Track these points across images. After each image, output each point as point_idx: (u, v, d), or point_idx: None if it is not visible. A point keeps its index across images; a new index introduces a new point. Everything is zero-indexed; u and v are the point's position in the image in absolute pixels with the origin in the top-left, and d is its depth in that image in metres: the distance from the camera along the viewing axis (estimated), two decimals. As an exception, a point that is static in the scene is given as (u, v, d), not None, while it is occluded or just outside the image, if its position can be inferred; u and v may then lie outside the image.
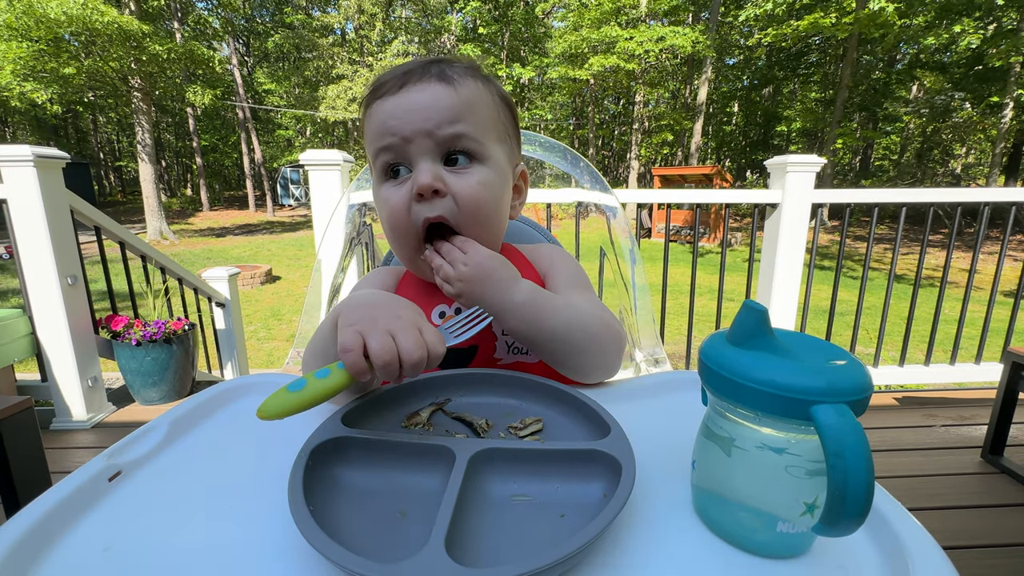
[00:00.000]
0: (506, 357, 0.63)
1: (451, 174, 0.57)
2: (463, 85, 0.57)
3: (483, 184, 0.57)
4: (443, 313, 0.64)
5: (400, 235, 0.59)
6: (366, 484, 0.39)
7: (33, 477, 1.07)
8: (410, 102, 0.56)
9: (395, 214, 0.57)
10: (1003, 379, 1.65)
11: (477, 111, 0.57)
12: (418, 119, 0.55)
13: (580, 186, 1.23)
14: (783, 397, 0.30)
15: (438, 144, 0.56)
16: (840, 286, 2.30)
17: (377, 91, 0.59)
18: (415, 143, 0.56)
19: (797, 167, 2.01)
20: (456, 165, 0.57)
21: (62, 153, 1.89)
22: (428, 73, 0.57)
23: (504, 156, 0.61)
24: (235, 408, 0.54)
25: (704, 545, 0.35)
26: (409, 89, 0.56)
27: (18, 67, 10.25)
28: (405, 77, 0.57)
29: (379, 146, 0.58)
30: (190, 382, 2.42)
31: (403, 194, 0.57)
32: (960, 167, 18.04)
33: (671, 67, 18.91)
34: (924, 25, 12.06)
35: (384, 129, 0.57)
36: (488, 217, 0.59)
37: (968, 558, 1.29)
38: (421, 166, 0.56)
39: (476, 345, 0.62)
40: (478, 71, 0.61)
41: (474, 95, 0.58)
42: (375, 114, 0.58)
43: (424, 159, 0.56)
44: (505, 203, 0.62)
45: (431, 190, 0.55)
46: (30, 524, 0.33)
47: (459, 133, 0.56)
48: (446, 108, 0.55)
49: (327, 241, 1.35)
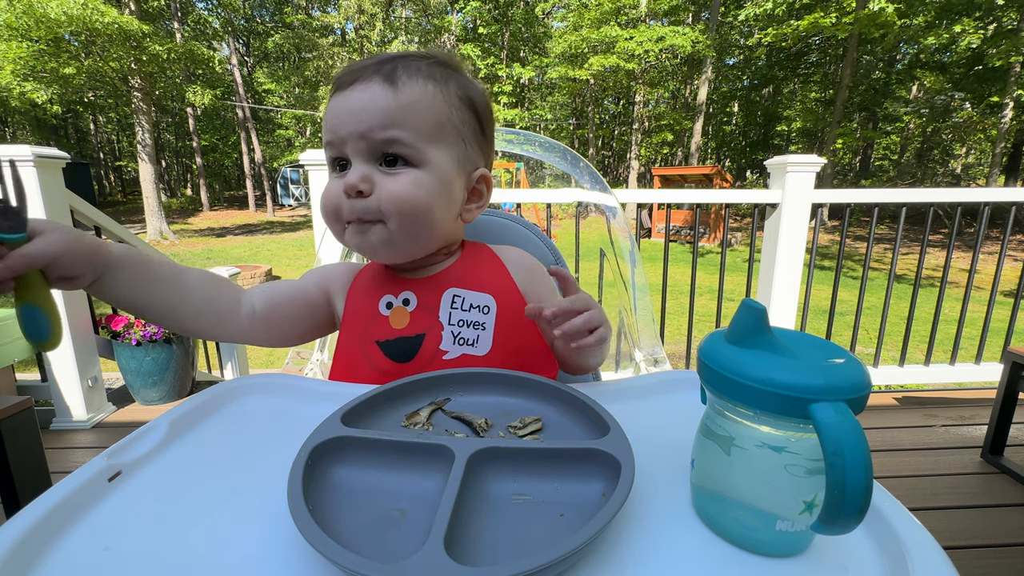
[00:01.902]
0: (452, 349, 0.63)
1: (382, 175, 0.58)
2: (408, 87, 0.57)
3: (412, 185, 0.58)
4: (390, 304, 0.65)
5: (329, 219, 0.62)
6: (365, 483, 0.39)
7: (33, 477, 1.07)
8: (350, 103, 0.57)
9: (327, 203, 0.60)
10: (1003, 379, 1.65)
11: (417, 116, 0.57)
12: (352, 121, 0.57)
13: (580, 186, 1.23)
14: (782, 395, 0.30)
15: (371, 146, 0.57)
16: (840, 286, 2.30)
17: (334, 85, 0.60)
18: (350, 144, 0.58)
19: (797, 167, 2.01)
20: (392, 166, 0.58)
21: (62, 153, 1.89)
22: (377, 73, 0.58)
23: (450, 160, 0.60)
24: (235, 408, 0.54)
25: (703, 544, 0.35)
26: (353, 88, 0.58)
27: (18, 67, 10.26)
28: (356, 74, 0.58)
29: (324, 141, 0.61)
30: (190, 382, 2.42)
31: (336, 187, 0.59)
32: (960, 167, 18.04)
33: (671, 67, 18.91)
34: (924, 25, 12.05)
35: (328, 126, 0.59)
36: (415, 218, 0.59)
37: (968, 558, 1.29)
38: (354, 166, 0.58)
39: (423, 334, 0.63)
40: (440, 70, 0.60)
41: (418, 98, 0.58)
42: (328, 108, 0.60)
43: (357, 159, 0.58)
44: (441, 206, 0.61)
45: (355, 190, 0.57)
46: (30, 524, 0.33)
47: (391, 138, 0.57)
48: (380, 112, 0.56)
49: (327, 241, 1.35)
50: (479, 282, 0.66)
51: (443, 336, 0.63)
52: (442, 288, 0.65)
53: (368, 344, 0.64)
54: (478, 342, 0.63)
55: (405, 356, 0.63)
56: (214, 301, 0.59)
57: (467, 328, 0.64)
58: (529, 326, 0.66)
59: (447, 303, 0.64)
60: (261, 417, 0.52)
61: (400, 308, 0.65)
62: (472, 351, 0.63)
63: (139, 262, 0.52)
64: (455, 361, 0.62)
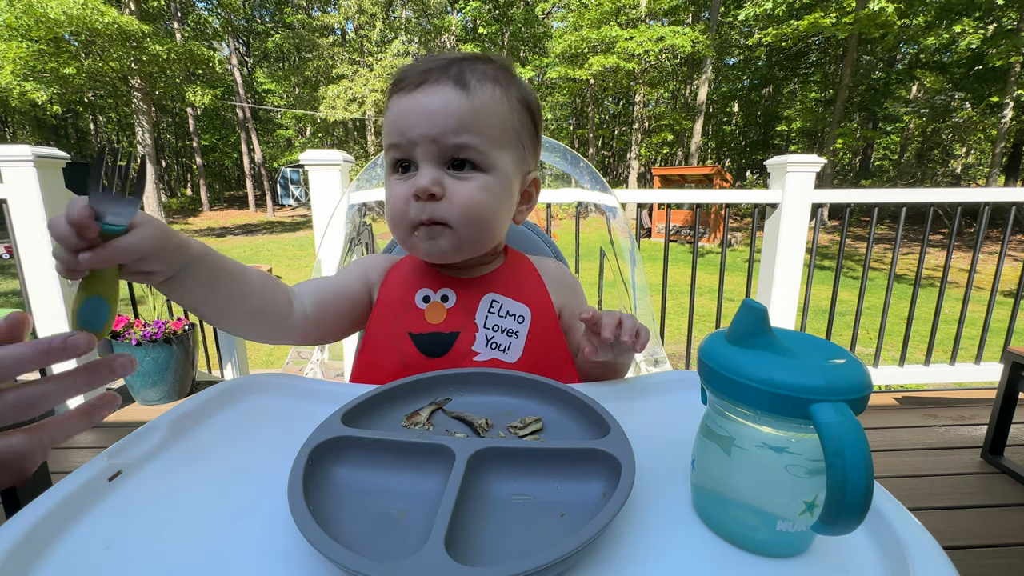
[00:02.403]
0: (484, 352, 0.63)
1: (452, 179, 0.58)
2: (478, 92, 0.57)
3: (482, 191, 0.59)
4: (427, 297, 0.66)
5: (396, 224, 0.62)
6: (366, 483, 0.39)
7: (33, 477, 1.07)
8: (421, 105, 0.57)
9: (395, 207, 0.61)
10: (1003, 379, 1.65)
11: (487, 120, 0.58)
12: (425, 125, 0.56)
13: (580, 186, 1.23)
14: (782, 396, 0.30)
15: (442, 150, 0.57)
16: (840, 286, 2.30)
17: (397, 84, 0.60)
18: (420, 147, 0.57)
19: (797, 167, 2.01)
20: (460, 170, 0.59)
21: (62, 153, 1.89)
22: (446, 75, 0.57)
23: (511, 164, 0.61)
24: (235, 408, 0.54)
25: (704, 544, 0.35)
26: (424, 90, 0.57)
27: (18, 67, 10.26)
28: (424, 75, 0.58)
29: (389, 142, 0.60)
30: (190, 382, 2.42)
31: (404, 190, 0.59)
32: (960, 167, 18.05)
33: (671, 67, 18.91)
34: (924, 25, 12.06)
35: (394, 128, 0.59)
36: (483, 223, 0.60)
37: (968, 558, 1.29)
38: (423, 169, 0.58)
39: (458, 332, 0.63)
40: (502, 74, 0.61)
41: (488, 104, 0.58)
42: (391, 108, 0.60)
43: (427, 162, 0.58)
44: (504, 210, 0.63)
45: (427, 193, 0.57)
46: (30, 524, 0.33)
47: (464, 144, 0.57)
48: (454, 116, 0.56)
49: (327, 241, 1.35)
50: (518, 291, 0.67)
51: (477, 338, 0.63)
52: (482, 291, 0.66)
53: (400, 335, 0.64)
54: (509, 349, 0.64)
55: (437, 352, 0.63)
56: (271, 303, 0.58)
57: (501, 334, 0.64)
58: (558, 340, 0.68)
59: (485, 306, 0.65)
60: (261, 417, 0.52)
61: (437, 303, 0.65)
62: (503, 357, 0.64)
63: (212, 263, 0.51)
64: (485, 364, 0.63)
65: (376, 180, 1.28)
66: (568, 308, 0.71)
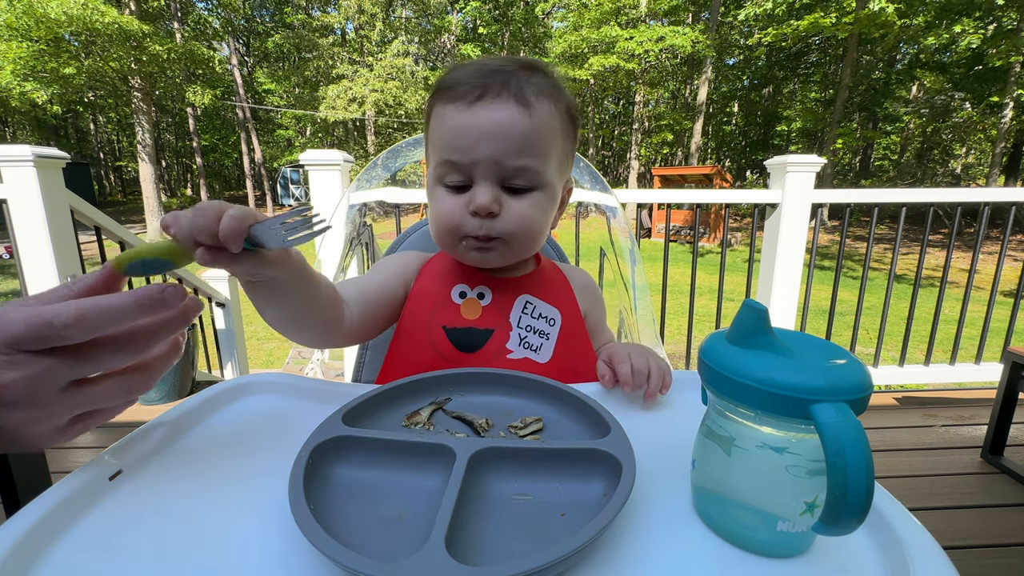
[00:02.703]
0: (517, 351, 0.64)
1: (508, 196, 0.59)
2: (537, 110, 0.57)
3: (535, 207, 0.60)
4: (463, 293, 0.66)
5: (445, 235, 0.62)
6: (367, 483, 0.39)
7: (33, 477, 1.07)
8: (483, 124, 0.56)
9: (447, 220, 0.61)
10: (1003, 379, 1.65)
11: (544, 140, 0.58)
12: (487, 146, 0.56)
13: (580, 186, 1.23)
14: (783, 396, 0.30)
15: (502, 171, 0.58)
16: (840, 286, 2.30)
17: (450, 92, 0.58)
18: (481, 167, 0.57)
19: (797, 167, 2.01)
20: (515, 189, 0.59)
21: (62, 153, 1.89)
22: (506, 89, 0.56)
23: (558, 175, 0.62)
24: (235, 408, 0.54)
25: (704, 544, 0.35)
26: (485, 106, 0.56)
27: (18, 67, 10.26)
28: (482, 89, 0.56)
29: (444, 157, 0.59)
30: (190, 382, 2.42)
31: (458, 204, 0.59)
32: (960, 167, 18.05)
33: (671, 67, 18.91)
34: (924, 25, 12.05)
35: (452, 144, 0.58)
36: (535, 237, 0.63)
37: (968, 558, 1.29)
38: (481, 187, 0.58)
39: (492, 330, 0.64)
40: (554, 86, 0.61)
41: (546, 121, 0.58)
42: (446, 120, 0.58)
43: (486, 181, 0.58)
44: (550, 221, 0.65)
45: (487, 212, 0.58)
46: (30, 524, 0.33)
47: (523, 166, 0.58)
48: (516, 138, 0.56)
49: (327, 241, 1.35)
50: (550, 295, 0.69)
51: (511, 336, 0.64)
52: (517, 292, 0.67)
53: (434, 328, 0.64)
54: (541, 350, 0.65)
55: (471, 347, 0.63)
56: (332, 315, 0.56)
57: (533, 335, 0.65)
58: (585, 343, 0.70)
59: (519, 307, 0.66)
60: (261, 417, 0.52)
61: (473, 300, 0.66)
62: (535, 357, 0.65)
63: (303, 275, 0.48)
64: (518, 363, 0.64)
65: (376, 180, 1.28)
66: (592, 314, 0.74)
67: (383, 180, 1.29)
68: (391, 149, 1.26)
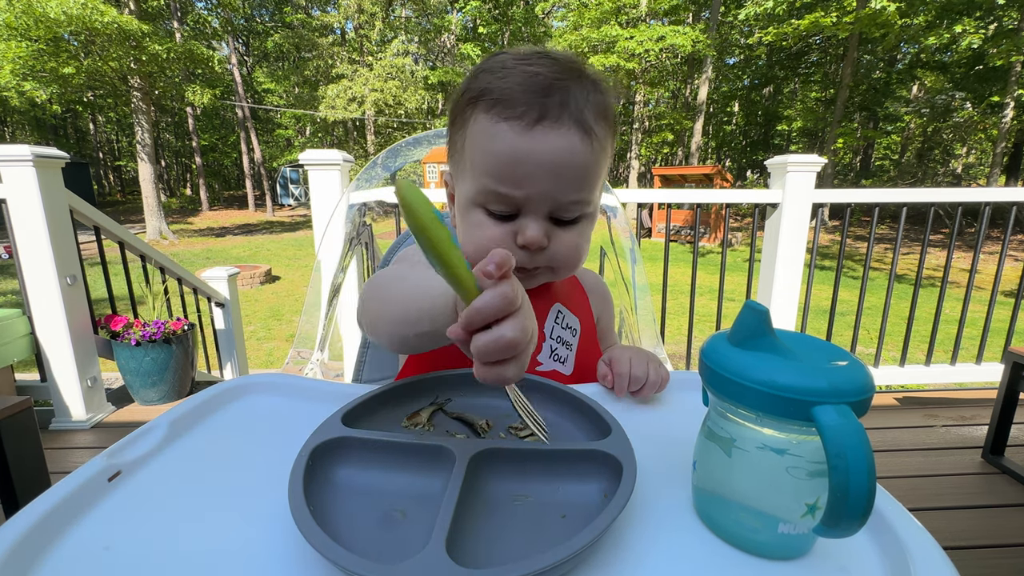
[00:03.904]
0: (546, 363, 0.63)
1: (556, 226, 0.56)
2: (598, 135, 0.53)
3: (582, 236, 0.58)
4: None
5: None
6: (366, 484, 0.39)
7: (32, 477, 1.07)
8: (542, 156, 0.50)
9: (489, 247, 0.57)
10: (1004, 379, 1.65)
11: (601, 167, 0.55)
12: (545, 181, 0.51)
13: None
14: (784, 398, 0.29)
15: (556, 205, 0.54)
16: (841, 286, 2.30)
17: (500, 105, 0.51)
18: (534, 201, 0.53)
19: (797, 167, 2.01)
20: (566, 219, 0.55)
21: (61, 153, 1.89)
22: (566, 111, 0.51)
23: (600, 194, 0.60)
24: (235, 408, 0.53)
25: (705, 546, 0.35)
26: (545, 133, 0.50)
27: (17, 67, 10.25)
28: (541, 110, 0.50)
29: (491, 187, 0.53)
30: (190, 382, 2.42)
31: (504, 235, 0.54)
32: (961, 167, 18.04)
33: (671, 66, 18.89)
34: (925, 25, 12.04)
35: (504, 173, 0.52)
36: (579, 263, 0.60)
37: (969, 558, 1.29)
38: (532, 221, 0.54)
39: None
40: (609, 101, 0.56)
41: (603, 146, 0.54)
42: (496, 141, 0.51)
43: (538, 214, 0.54)
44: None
45: (538, 247, 0.54)
46: (30, 524, 0.33)
47: (579, 200, 0.54)
48: (577, 171, 0.52)
49: (327, 241, 1.35)
50: (573, 303, 0.68)
51: (543, 348, 0.62)
52: (550, 301, 0.65)
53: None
54: (566, 361, 0.64)
55: None
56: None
57: (561, 346, 0.64)
58: (597, 352, 0.68)
59: (552, 316, 0.64)
60: (261, 417, 0.52)
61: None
62: (561, 368, 0.63)
63: None
64: (546, 375, 0.60)
65: (376, 180, 1.28)
66: (604, 319, 0.73)
67: (383, 180, 1.29)
68: (391, 148, 1.26)
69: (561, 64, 0.54)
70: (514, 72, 0.52)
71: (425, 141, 1.28)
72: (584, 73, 0.55)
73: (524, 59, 0.54)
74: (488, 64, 0.56)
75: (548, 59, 0.54)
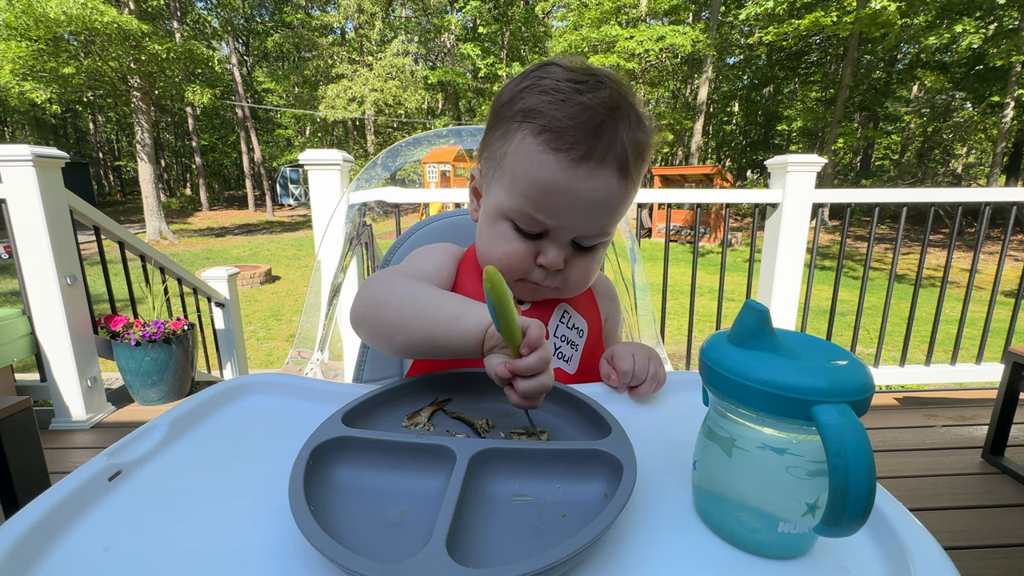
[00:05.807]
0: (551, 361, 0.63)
1: (575, 252, 0.59)
2: (634, 178, 0.56)
3: (597, 262, 0.62)
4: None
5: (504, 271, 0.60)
6: (367, 484, 0.39)
7: (32, 477, 1.07)
8: (582, 194, 0.53)
9: (510, 261, 0.59)
10: (1004, 379, 1.65)
11: (629, 201, 0.58)
12: (579, 217, 0.55)
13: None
14: (784, 397, 0.29)
15: (581, 237, 0.58)
16: (841, 286, 2.30)
17: (548, 132, 0.52)
18: (564, 230, 0.57)
19: (798, 167, 2.01)
20: (585, 246, 0.59)
21: (61, 153, 1.89)
22: (611, 152, 0.52)
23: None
24: (235, 408, 0.53)
25: (705, 545, 0.35)
26: (588, 172, 0.52)
27: (17, 67, 10.25)
28: (588, 148, 0.52)
29: (526, 209, 0.55)
30: (189, 382, 2.42)
31: (526, 251, 0.58)
32: (961, 167, 18.05)
33: (671, 66, 18.89)
34: (925, 25, 12.04)
35: (542, 201, 0.54)
36: (585, 288, 0.64)
37: (969, 558, 1.29)
38: (555, 247, 0.58)
39: None
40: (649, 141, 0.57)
41: (636, 184, 0.57)
42: (539, 167, 0.53)
43: (561, 241, 0.58)
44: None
45: (556, 270, 0.58)
46: (30, 524, 0.33)
47: (604, 232, 0.58)
48: (610, 211, 0.56)
49: (327, 241, 1.35)
50: (581, 305, 0.69)
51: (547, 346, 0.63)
52: (556, 300, 0.66)
53: None
54: (571, 361, 0.65)
55: None
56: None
57: (566, 345, 0.65)
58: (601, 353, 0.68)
59: (557, 316, 0.66)
60: (261, 417, 0.52)
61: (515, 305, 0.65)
62: (565, 367, 0.64)
63: None
64: None
65: (376, 180, 1.28)
66: (611, 319, 0.74)
67: (383, 180, 1.29)
68: (391, 148, 1.26)
69: (611, 93, 0.54)
70: (568, 100, 0.52)
71: (425, 141, 1.28)
72: (632, 108, 0.55)
73: (577, 81, 0.54)
74: (539, 78, 0.56)
75: (599, 85, 0.54)
